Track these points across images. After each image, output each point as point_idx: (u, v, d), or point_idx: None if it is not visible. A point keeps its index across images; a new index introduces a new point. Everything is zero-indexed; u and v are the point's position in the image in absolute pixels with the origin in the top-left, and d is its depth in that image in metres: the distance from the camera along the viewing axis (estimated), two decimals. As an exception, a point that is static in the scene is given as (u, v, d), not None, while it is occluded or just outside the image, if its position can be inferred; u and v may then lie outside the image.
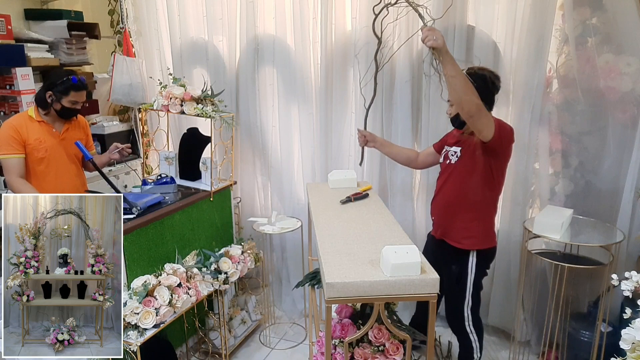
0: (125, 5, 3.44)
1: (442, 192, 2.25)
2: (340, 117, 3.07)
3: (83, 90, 2.47)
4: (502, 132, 2.03)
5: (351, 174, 2.55)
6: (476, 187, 2.13)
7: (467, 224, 2.17)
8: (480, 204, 2.17)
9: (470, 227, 2.17)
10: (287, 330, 3.18)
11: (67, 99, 2.41)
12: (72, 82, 2.40)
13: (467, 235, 2.17)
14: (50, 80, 2.43)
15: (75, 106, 2.46)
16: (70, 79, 2.40)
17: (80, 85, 2.43)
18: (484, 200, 2.17)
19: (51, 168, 2.47)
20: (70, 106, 2.44)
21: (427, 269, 1.58)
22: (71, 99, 2.42)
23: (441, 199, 2.27)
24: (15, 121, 2.40)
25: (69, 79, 2.40)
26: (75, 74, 2.46)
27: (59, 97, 2.41)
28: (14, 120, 2.41)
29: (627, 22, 2.32)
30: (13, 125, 2.38)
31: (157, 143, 3.48)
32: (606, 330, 2.35)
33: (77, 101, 2.46)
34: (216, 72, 3.30)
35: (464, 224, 2.18)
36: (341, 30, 2.96)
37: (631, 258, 2.50)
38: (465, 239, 2.18)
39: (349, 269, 1.59)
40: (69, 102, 2.42)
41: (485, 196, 2.16)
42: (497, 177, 2.15)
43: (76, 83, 2.41)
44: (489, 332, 3.01)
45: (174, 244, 2.60)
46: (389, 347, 1.74)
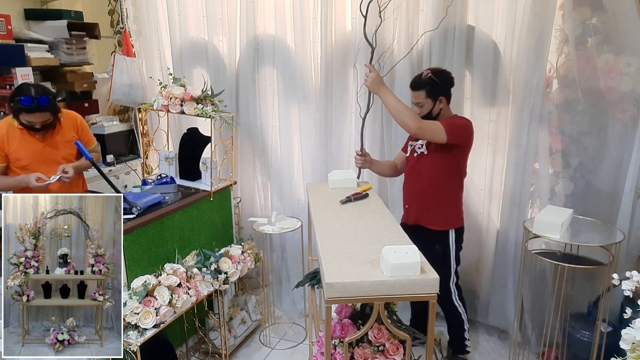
0: (125, 5, 3.44)
1: (416, 182, 2.49)
2: (340, 117, 3.07)
3: (38, 112, 2.26)
4: (455, 131, 2.27)
5: (351, 173, 2.56)
6: (446, 175, 2.40)
7: (442, 207, 2.44)
8: (451, 189, 2.45)
9: (444, 210, 2.44)
10: (287, 330, 3.17)
11: (21, 117, 2.28)
12: (23, 105, 2.21)
13: (443, 217, 2.44)
14: (12, 95, 2.28)
15: (32, 125, 2.29)
16: (20, 101, 2.21)
17: (33, 108, 2.22)
18: (453, 185, 2.45)
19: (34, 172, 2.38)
20: (27, 124, 2.29)
21: (427, 268, 1.58)
22: (24, 118, 2.27)
23: (415, 188, 2.50)
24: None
25: (20, 100, 2.21)
26: (33, 95, 2.22)
27: (14, 113, 2.28)
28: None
29: (627, 22, 2.32)
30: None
31: (157, 143, 3.48)
32: (606, 330, 2.34)
33: (33, 122, 2.28)
34: (216, 72, 3.30)
35: (439, 207, 2.44)
36: (341, 30, 2.96)
37: (631, 258, 2.50)
38: (441, 221, 2.45)
39: (348, 269, 1.59)
40: (24, 120, 2.29)
41: (454, 182, 2.45)
42: (462, 164, 2.43)
43: (28, 106, 2.21)
44: (489, 332, 3.02)
45: (174, 244, 2.60)
46: (389, 347, 1.74)
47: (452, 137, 2.25)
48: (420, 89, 2.33)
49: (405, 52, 2.79)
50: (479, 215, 2.93)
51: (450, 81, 2.37)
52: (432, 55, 2.76)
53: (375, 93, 2.34)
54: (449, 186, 2.43)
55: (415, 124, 2.21)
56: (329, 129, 3.09)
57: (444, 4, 2.65)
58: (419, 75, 2.36)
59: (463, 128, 2.32)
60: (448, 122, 2.27)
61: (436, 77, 2.29)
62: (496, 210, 2.89)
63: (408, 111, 2.24)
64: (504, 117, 2.77)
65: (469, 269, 3.04)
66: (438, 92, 2.32)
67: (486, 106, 2.79)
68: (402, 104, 2.26)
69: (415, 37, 2.80)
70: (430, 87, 2.31)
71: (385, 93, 2.30)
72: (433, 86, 2.30)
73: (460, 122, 2.34)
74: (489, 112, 2.80)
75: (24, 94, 2.25)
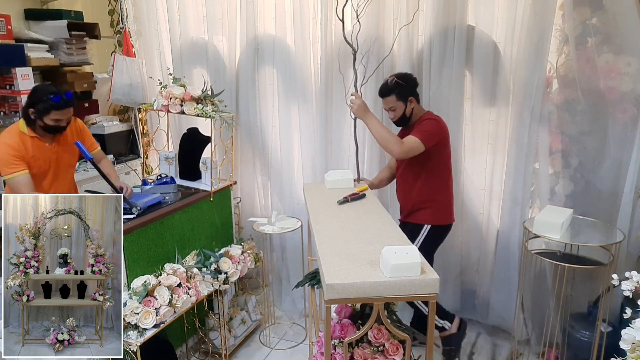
0: (125, 5, 3.44)
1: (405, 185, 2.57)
2: (340, 117, 3.07)
3: (67, 108, 2.30)
4: (429, 137, 2.34)
5: (347, 174, 2.57)
6: (433, 173, 2.47)
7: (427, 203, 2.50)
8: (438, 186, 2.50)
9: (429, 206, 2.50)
10: (287, 330, 3.17)
11: (49, 117, 2.26)
12: (53, 102, 2.23)
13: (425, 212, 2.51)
14: (33, 97, 2.28)
15: (59, 124, 2.32)
16: (50, 99, 2.22)
17: (62, 104, 2.26)
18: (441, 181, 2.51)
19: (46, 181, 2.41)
20: (54, 124, 2.30)
21: (426, 269, 1.58)
22: (53, 117, 2.27)
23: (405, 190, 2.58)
24: (9, 140, 2.28)
25: (48, 98, 2.22)
26: (60, 91, 2.27)
27: (41, 115, 2.26)
28: (7, 138, 2.29)
29: (627, 22, 2.32)
30: (9, 144, 2.26)
31: (157, 143, 3.48)
32: (606, 330, 2.34)
33: (61, 119, 2.30)
34: (216, 72, 3.30)
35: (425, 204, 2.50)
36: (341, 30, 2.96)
37: (631, 258, 2.50)
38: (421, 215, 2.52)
39: (348, 269, 1.59)
40: (51, 121, 2.28)
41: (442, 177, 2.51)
42: (445, 155, 2.50)
43: (58, 102, 2.24)
44: (488, 332, 3.02)
45: (174, 244, 2.60)
46: (389, 347, 1.74)
47: (429, 143, 2.34)
48: (389, 95, 2.42)
49: (405, 52, 2.80)
50: (479, 215, 2.93)
51: (413, 81, 2.46)
52: (432, 55, 2.76)
53: (361, 118, 2.46)
54: (436, 184, 2.49)
55: (399, 149, 2.31)
56: (329, 129, 3.09)
57: (444, 4, 2.65)
58: (384, 82, 2.45)
59: (435, 131, 2.39)
60: (421, 133, 2.34)
61: (401, 80, 2.40)
62: (496, 210, 2.89)
63: (391, 137, 2.34)
64: (504, 117, 2.76)
65: (469, 269, 3.04)
66: (406, 94, 2.41)
67: (486, 106, 2.79)
68: (385, 130, 2.37)
69: (415, 37, 2.81)
70: (399, 91, 2.40)
71: (369, 119, 2.41)
72: (401, 89, 2.40)
73: (430, 126, 2.39)
74: (489, 112, 2.80)
75: (50, 92, 2.24)
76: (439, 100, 2.80)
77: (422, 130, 2.35)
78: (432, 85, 2.80)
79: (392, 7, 2.80)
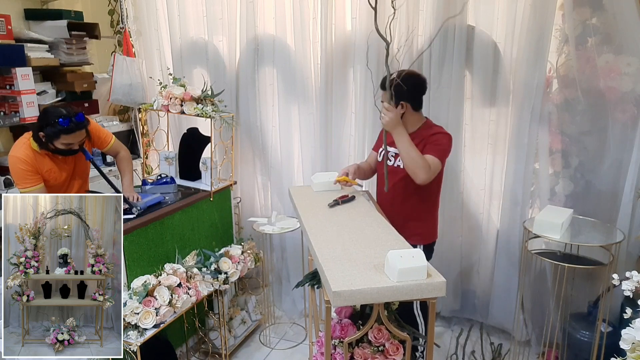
0: (125, 5, 3.44)
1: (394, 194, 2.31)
2: (340, 117, 3.07)
3: (78, 132, 2.24)
4: (445, 156, 2.20)
5: (334, 176, 2.44)
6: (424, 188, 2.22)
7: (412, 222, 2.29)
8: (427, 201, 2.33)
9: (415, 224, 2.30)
10: (287, 330, 3.18)
11: (59, 141, 2.22)
12: (62, 126, 2.16)
13: (413, 232, 2.22)
14: (42, 120, 2.22)
15: (70, 147, 2.26)
16: (59, 123, 2.15)
17: (73, 127, 2.19)
18: (430, 196, 2.33)
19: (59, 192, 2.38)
20: (65, 148, 2.25)
21: (432, 272, 1.57)
22: (63, 141, 2.22)
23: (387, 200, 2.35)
24: (22, 155, 2.24)
25: (57, 122, 2.15)
26: (70, 114, 2.19)
27: (51, 139, 2.20)
28: (21, 154, 2.25)
29: (627, 22, 2.32)
30: (23, 159, 2.23)
31: (157, 143, 3.48)
32: (606, 330, 2.34)
33: (72, 142, 2.25)
34: (216, 72, 3.30)
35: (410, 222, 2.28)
36: (341, 30, 2.96)
37: (631, 258, 2.50)
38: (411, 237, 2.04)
39: (353, 275, 1.55)
40: (62, 145, 2.23)
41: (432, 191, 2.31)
42: (441, 175, 2.30)
43: (67, 126, 2.17)
44: (488, 332, 3.02)
45: (174, 244, 2.60)
46: (389, 347, 1.74)
47: (444, 162, 2.21)
48: (384, 89, 2.18)
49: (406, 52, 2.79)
50: (479, 215, 2.93)
51: (419, 87, 2.23)
52: (432, 55, 2.76)
53: (390, 132, 2.18)
54: (425, 199, 2.31)
55: (425, 175, 2.11)
56: (329, 129, 3.09)
57: (444, 3, 2.65)
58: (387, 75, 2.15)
59: (448, 149, 2.23)
60: (439, 152, 2.17)
61: (404, 82, 2.10)
62: (496, 210, 2.89)
63: (421, 160, 2.11)
64: (504, 117, 2.76)
65: (469, 269, 3.04)
66: (400, 97, 2.16)
67: (486, 106, 2.79)
68: (414, 151, 2.13)
69: (416, 37, 2.80)
70: (394, 91, 2.15)
71: (400, 134, 2.16)
72: (395, 89, 2.14)
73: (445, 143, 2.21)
74: (489, 112, 2.80)
75: (58, 115, 2.17)
76: (439, 100, 2.80)
77: (439, 150, 2.17)
78: (432, 85, 2.79)
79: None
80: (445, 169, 2.81)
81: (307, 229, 1.97)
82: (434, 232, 2.43)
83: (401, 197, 2.32)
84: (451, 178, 2.87)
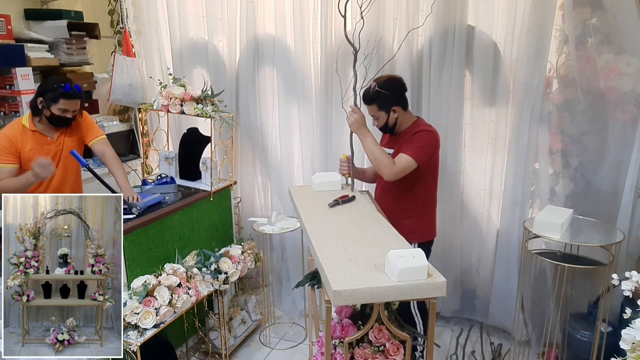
0: (125, 5, 3.44)
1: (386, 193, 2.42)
2: (340, 117, 3.07)
3: (75, 99, 2.37)
4: (423, 153, 2.22)
5: (335, 176, 2.47)
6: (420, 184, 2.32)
7: (409, 219, 2.34)
8: (423, 198, 2.37)
9: (411, 222, 2.34)
10: (287, 330, 3.18)
11: (57, 106, 2.32)
12: (63, 90, 2.30)
13: (409, 229, 2.21)
14: (43, 86, 2.36)
15: (65, 114, 2.36)
16: (62, 86, 2.30)
17: (72, 94, 2.33)
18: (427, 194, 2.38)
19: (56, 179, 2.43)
20: (60, 114, 2.35)
21: (432, 272, 1.57)
22: (61, 106, 2.33)
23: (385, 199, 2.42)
24: (9, 132, 2.35)
25: (60, 86, 2.30)
26: (71, 82, 2.36)
27: (49, 103, 2.32)
28: (8, 131, 2.35)
29: (627, 22, 2.32)
30: (7, 136, 2.33)
31: (157, 143, 3.48)
32: (606, 330, 2.35)
33: (68, 109, 2.36)
34: (216, 72, 3.30)
35: (406, 220, 2.32)
36: (341, 30, 2.95)
37: (631, 258, 2.50)
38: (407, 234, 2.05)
39: (354, 275, 1.56)
40: (58, 110, 2.33)
41: (428, 187, 2.36)
42: (434, 167, 2.35)
43: (68, 91, 2.31)
44: (488, 332, 3.02)
45: (174, 244, 2.60)
46: (389, 347, 1.74)
47: (422, 160, 2.22)
48: (371, 103, 2.28)
49: (405, 52, 2.80)
50: (479, 215, 2.93)
51: (401, 88, 2.29)
52: (432, 55, 2.76)
53: (356, 133, 2.29)
54: (414, 199, 2.35)
55: (390, 171, 2.18)
56: (329, 129, 3.09)
57: (444, 3, 2.65)
58: (367, 89, 2.26)
59: (428, 144, 2.25)
60: (414, 150, 2.20)
61: (384, 89, 2.21)
62: (496, 210, 2.89)
63: (384, 158, 2.20)
64: (504, 117, 2.77)
65: (469, 269, 3.04)
66: (389, 103, 2.25)
67: (486, 106, 2.79)
68: (378, 149, 2.23)
69: (416, 37, 2.80)
70: (380, 100, 2.24)
71: (364, 135, 2.25)
72: (382, 98, 2.23)
73: (424, 141, 2.24)
74: (489, 112, 2.80)
75: (60, 80, 2.35)
76: (439, 100, 2.80)
77: (415, 147, 2.21)
78: (432, 85, 2.80)
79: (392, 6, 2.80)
80: (445, 169, 2.83)
81: (307, 229, 1.97)
82: (430, 231, 2.44)
83: (392, 197, 2.39)
84: (451, 178, 2.87)
